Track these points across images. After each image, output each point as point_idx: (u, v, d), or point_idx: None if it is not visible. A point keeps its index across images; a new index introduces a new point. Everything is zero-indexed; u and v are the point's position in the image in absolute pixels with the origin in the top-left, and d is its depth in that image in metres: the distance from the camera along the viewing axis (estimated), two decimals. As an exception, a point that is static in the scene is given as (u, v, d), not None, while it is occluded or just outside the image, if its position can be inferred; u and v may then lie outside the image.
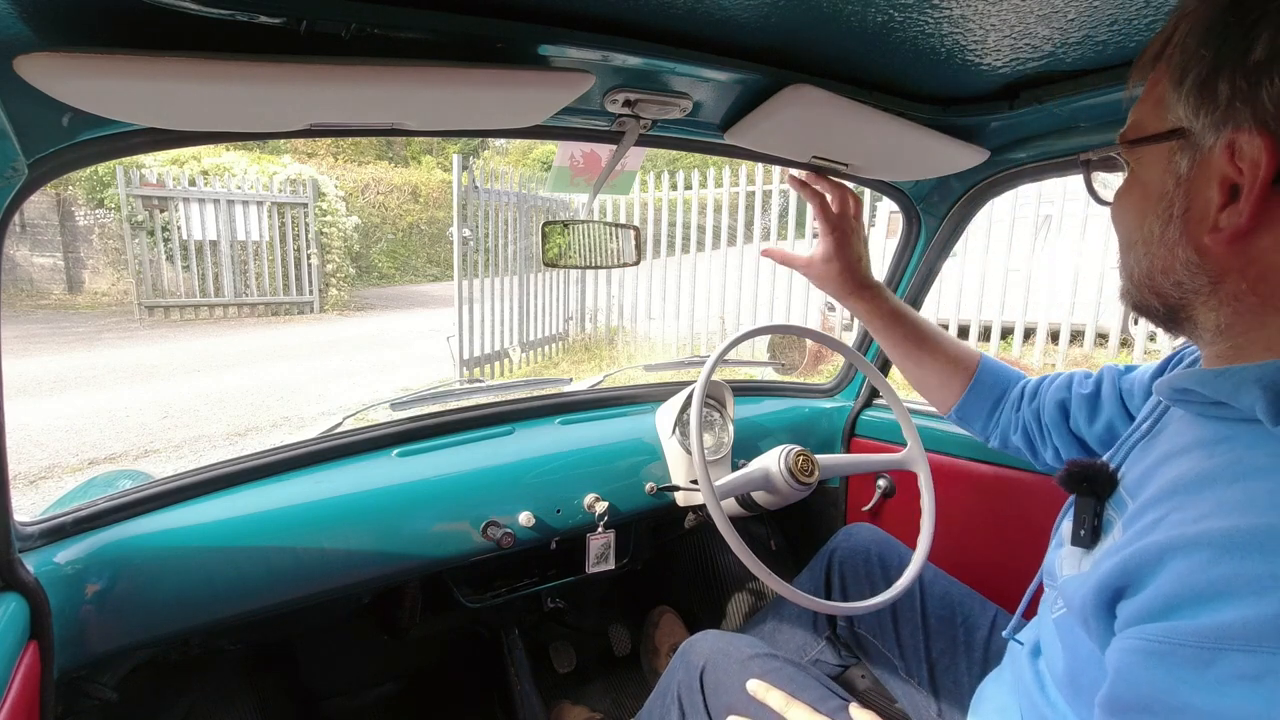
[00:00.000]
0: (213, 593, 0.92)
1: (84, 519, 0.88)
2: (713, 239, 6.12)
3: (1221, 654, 0.35)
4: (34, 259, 9.51)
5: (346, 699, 1.46)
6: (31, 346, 6.83)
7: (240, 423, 4.60)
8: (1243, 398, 0.44)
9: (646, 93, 0.77)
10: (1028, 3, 0.60)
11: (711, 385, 1.22)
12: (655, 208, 6.50)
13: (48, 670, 0.75)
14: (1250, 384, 0.43)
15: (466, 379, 5.08)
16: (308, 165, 10.56)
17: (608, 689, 1.60)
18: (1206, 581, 0.38)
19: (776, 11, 0.62)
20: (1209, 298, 0.47)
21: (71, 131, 0.64)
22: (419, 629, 1.34)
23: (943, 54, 0.73)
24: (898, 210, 1.31)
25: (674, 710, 0.92)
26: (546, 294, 6.31)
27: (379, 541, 1.03)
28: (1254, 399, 0.43)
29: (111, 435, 4.30)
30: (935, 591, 1.03)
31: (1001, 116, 0.89)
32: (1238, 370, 0.45)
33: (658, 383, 1.54)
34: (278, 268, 8.98)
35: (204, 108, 0.59)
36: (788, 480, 1.08)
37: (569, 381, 1.46)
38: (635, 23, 0.64)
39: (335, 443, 1.11)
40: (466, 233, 5.20)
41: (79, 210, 9.47)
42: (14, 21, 0.49)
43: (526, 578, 1.32)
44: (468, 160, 5.40)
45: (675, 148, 1.03)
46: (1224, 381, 0.46)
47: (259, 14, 0.52)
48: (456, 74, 0.60)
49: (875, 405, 1.54)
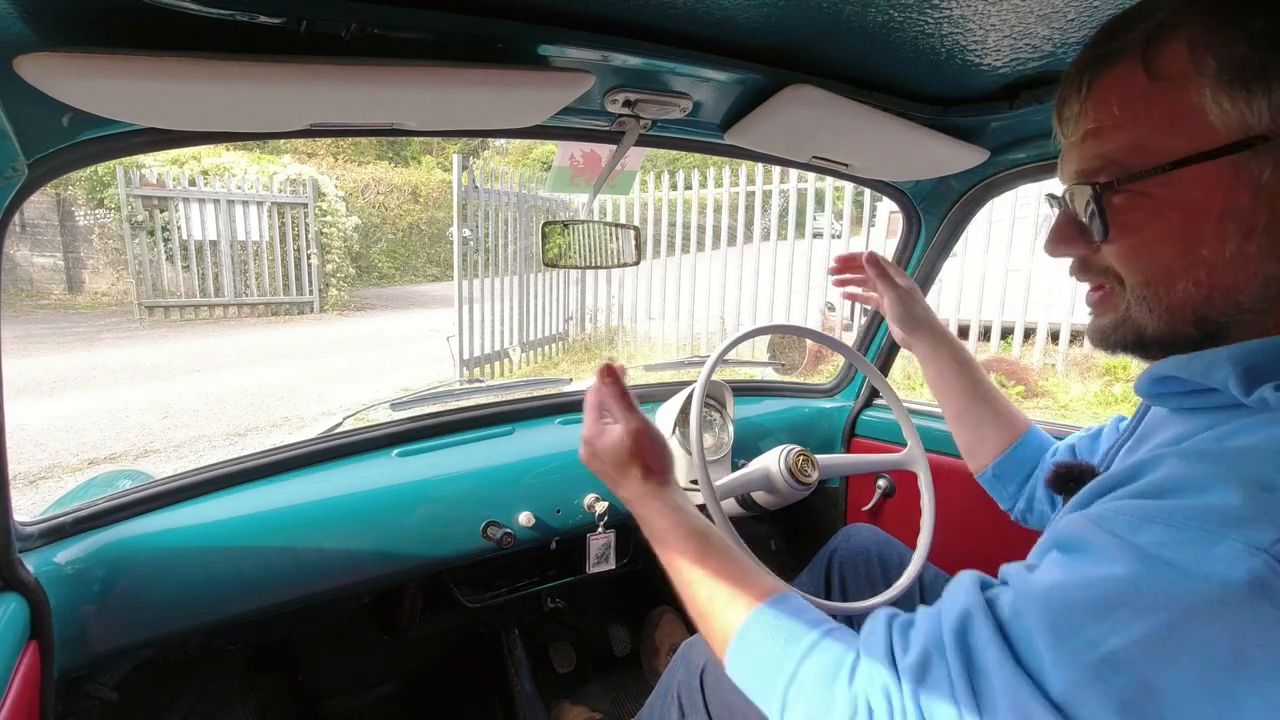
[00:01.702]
0: (213, 593, 0.92)
1: (84, 519, 0.88)
2: (713, 239, 6.12)
3: (1150, 524, 0.40)
4: (34, 259, 9.51)
5: (346, 699, 1.46)
6: (31, 346, 6.83)
7: (240, 423, 4.60)
8: (1215, 375, 0.45)
9: (646, 93, 0.77)
10: (1028, 3, 0.60)
11: (711, 385, 1.22)
12: (655, 208, 6.50)
13: (48, 670, 0.75)
14: (1222, 362, 0.44)
15: (466, 379, 5.08)
16: (308, 165, 10.56)
17: (608, 689, 1.60)
18: (1167, 475, 0.42)
19: (776, 11, 0.62)
20: (1271, 307, 0.45)
21: (71, 131, 0.64)
22: (419, 629, 1.34)
23: (943, 54, 0.73)
24: (898, 210, 1.31)
25: (674, 710, 0.92)
26: (546, 294, 6.31)
27: (379, 541, 1.03)
28: (1225, 374, 0.44)
29: (111, 435, 4.30)
30: (935, 591, 1.03)
31: (1001, 116, 0.89)
32: (1210, 352, 0.46)
33: (658, 383, 1.54)
34: (278, 268, 8.98)
35: (204, 108, 0.59)
36: (787, 480, 1.08)
37: (569, 381, 1.46)
38: (635, 23, 0.64)
39: (335, 443, 1.11)
40: (466, 233, 5.20)
41: (79, 210, 9.47)
42: (14, 21, 0.49)
43: (526, 578, 1.32)
44: (468, 160, 5.40)
45: (675, 148, 1.03)
46: (1197, 363, 0.47)
47: (259, 14, 0.52)
48: (456, 74, 0.60)
49: (875, 405, 1.54)
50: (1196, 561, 0.36)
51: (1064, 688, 0.38)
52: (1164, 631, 0.36)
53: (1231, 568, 0.35)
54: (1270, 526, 0.35)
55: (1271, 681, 0.33)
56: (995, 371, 4.95)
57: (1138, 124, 0.46)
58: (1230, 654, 0.34)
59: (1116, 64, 0.47)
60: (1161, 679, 0.36)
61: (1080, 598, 0.40)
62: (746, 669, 0.58)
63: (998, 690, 0.41)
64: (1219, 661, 0.34)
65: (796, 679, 0.53)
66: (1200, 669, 0.35)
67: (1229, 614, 0.34)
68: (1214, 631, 0.35)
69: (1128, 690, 0.36)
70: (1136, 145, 0.46)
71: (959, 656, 0.44)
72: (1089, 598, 0.39)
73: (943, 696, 0.44)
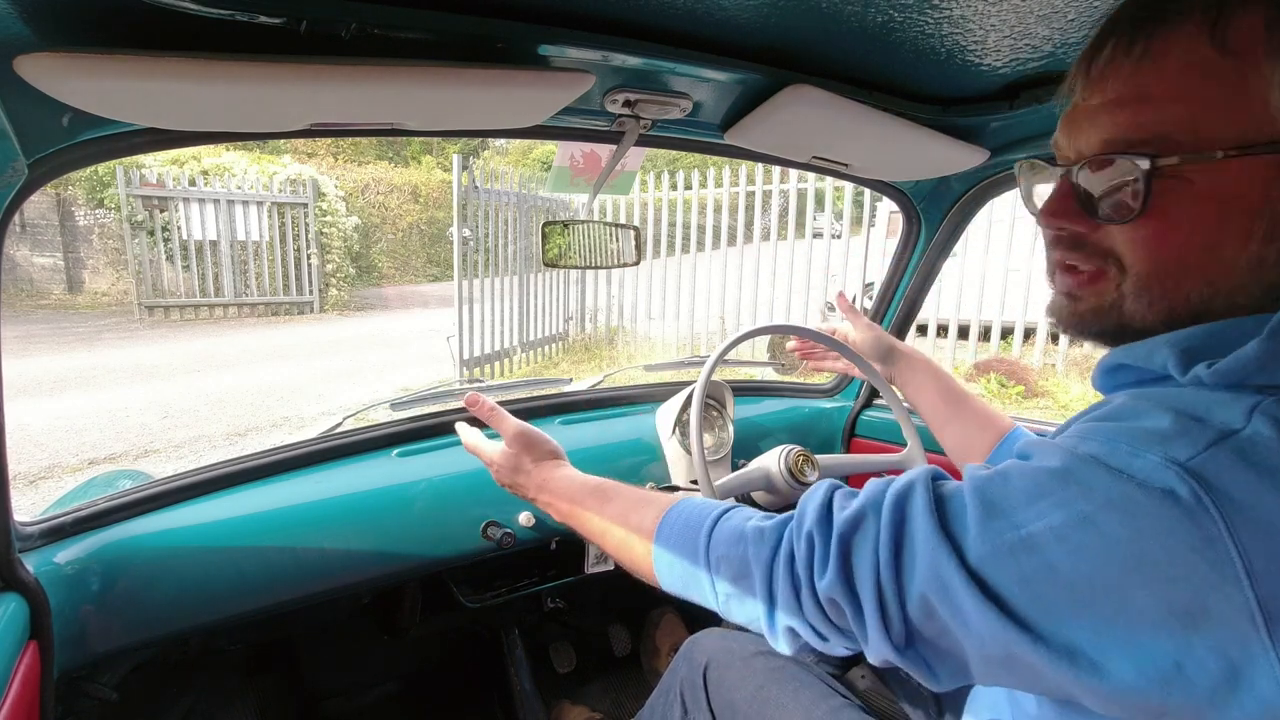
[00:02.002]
0: (213, 593, 0.92)
1: (84, 519, 0.88)
2: (713, 239, 6.12)
3: (1090, 439, 0.42)
4: (34, 259, 9.51)
5: (346, 699, 1.46)
6: (31, 346, 6.83)
7: (240, 423, 4.60)
8: (1155, 359, 0.45)
9: (646, 93, 0.77)
10: (1028, 3, 0.60)
11: (711, 385, 1.22)
12: (655, 208, 6.50)
13: (48, 670, 0.75)
14: (1161, 346, 0.45)
15: (466, 379, 5.08)
16: (308, 165, 10.56)
17: (608, 689, 1.60)
18: (1116, 406, 0.44)
19: (776, 12, 0.62)
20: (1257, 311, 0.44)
21: (71, 131, 0.64)
22: (419, 629, 1.34)
23: (943, 54, 0.73)
24: (898, 210, 1.31)
25: (676, 708, 0.92)
26: (546, 294, 6.31)
27: (379, 541, 1.03)
28: (1164, 357, 0.44)
29: (111, 435, 4.30)
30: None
31: (1001, 116, 0.89)
32: (1150, 340, 0.46)
33: (658, 383, 1.54)
34: (278, 268, 8.98)
35: (204, 108, 0.59)
36: (787, 480, 1.08)
37: (569, 381, 1.46)
38: (635, 23, 0.64)
39: (335, 443, 1.11)
40: (466, 233, 5.20)
41: (79, 210, 9.47)
42: (14, 21, 0.49)
43: (526, 578, 1.32)
44: (468, 160, 5.40)
45: (675, 148, 1.03)
46: (1140, 349, 0.47)
47: (259, 14, 0.52)
48: (456, 74, 0.60)
49: (875, 405, 1.54)
50: (1121, 467, 0.39)
51: (979, 558, 0.41)
52: (1078, 520, 0.38)
53: (1149, 476, 0.37)
54: (1189, 445, 0.38)
55: (1163, 579, 0.36)
56: (995, 371, 4.95)
57: (1194, 99, 0.41)
58: (1132, 548, 0.36)
59: (1178, 26, 0.42)
60: (1066, 564, 0.38)
61: (1016, 484, 0.42)
62: (671, 564, 0.61)
63: (920, 550, 0.43)
64: (1121, 554, 0.37)
65: (713, 543, 0.57)
66: (1103, 559, 0.37)
67: (1140, 512, 0.37)
68: (1124, 526, 0.37)
69: (1033, 569, 0.39)
70: (1189, 122, 0.42)
71: (892, 517, 0.46)
72: (1023, 486, 0.42)
73: (865, 548, 0.46)
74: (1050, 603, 0.39)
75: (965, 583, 0.41)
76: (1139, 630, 0.36)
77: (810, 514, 0.51)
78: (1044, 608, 0.39)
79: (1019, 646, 0.39)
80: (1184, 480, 0.36)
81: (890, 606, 0.44)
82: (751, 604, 0.54)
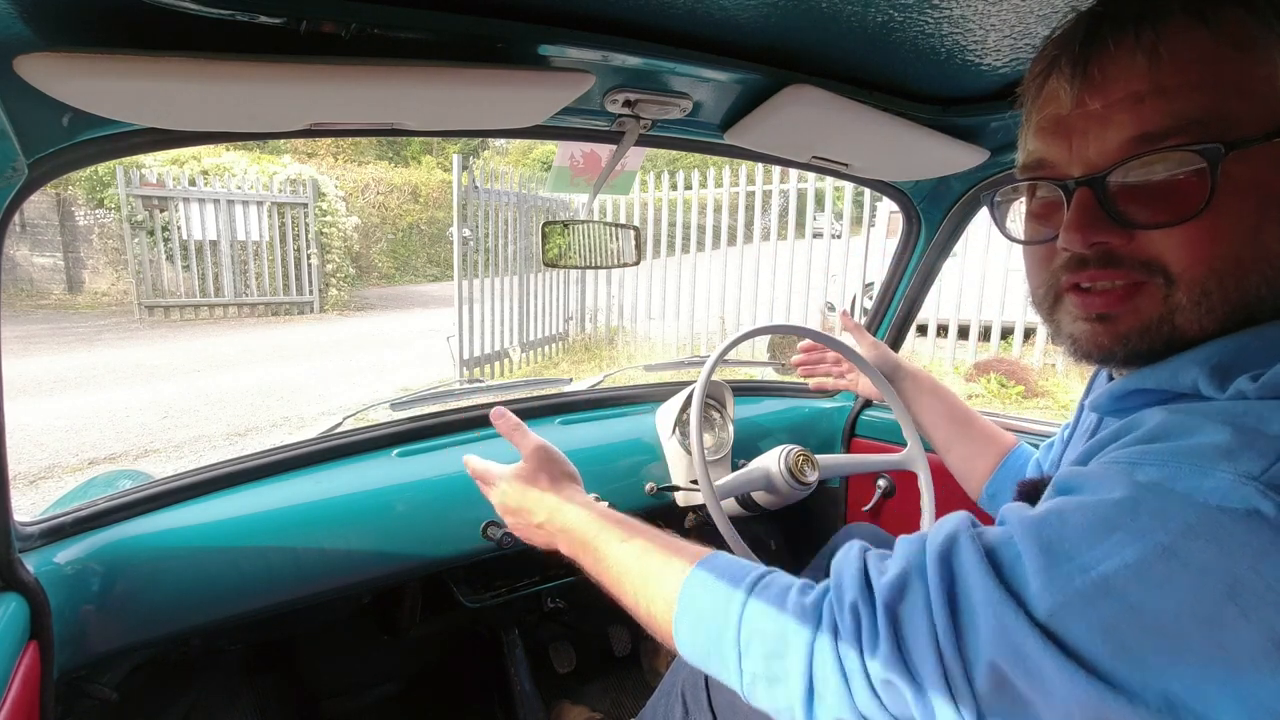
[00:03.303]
0: (213, 593, 0.92)
1: (84, 519, 0.88)
2: (713, 239, 6.12)
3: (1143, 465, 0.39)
4: (34, 259, 9.50)
5: (346, 699, 1.46)
6: (31, 346, 6.83)
7: (240, 423, 4.60)
8: (1182, 379, 0.42)
9: (646, 93, 0.77)
10: (1028, 3, 0.60)
11: (711, 385, 1.22)
12: (655, 208, 6.50)
13: (48, 670, 0.75)
14: (1189, 365, 0.42)
15: (466, 379, 5.08)
16: (308, 165, 10.56)
17: (608, 689, 1.60)
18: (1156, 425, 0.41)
19: (776, 12, 0.62)
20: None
21: (71, 131, 0.64)
22: (419, 629, 1.34)
23: (943, 54, 0.73)
24: (898, 210, 1.31)
25: (678, 708, 0.92)
26: (546, 294, 6.31)
27: (379, 541, 1.03)
28: (1194, 376, 0.42)
29: (111, 435, 4.29)
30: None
31: (1001, 116, 0.89)
32: (1173, 360, 0.44)
33: (658, 383, 1.54)
34: (278, 268, 8.97)
35: (204, 108, 0.59)
36: (788, 480, 1.08)
37: (569, 381, 1.46)
38: (635, 23, 0.64)
39: (335, 443, 1.11)
40: (466, 233, 5.20)
41: (79, 210, 9.47)
42: (14, 21, 0.49)
43: (526, 578, 1.32)
44: (468, 160, 5.40)
45: (675, 148, 1.03)
46: (1163, 371, 0.44)
47: (259, 14, 0.52)
48: (456, 74, 0.60)
49: (875, 405, 1.54)
50: (1192, 490, 0.35)
51: (1050, 610, 0.36)
52: (1160, 553, 0.34)
53: (1225, 497, 0.34)
54: (1259, 458, 0.34)
55: (1264, 605, 0.32)
56: (995, 371, 4.95)
57: (1215, 87, 0.40)
58: (1224, 576, 0.33)
59: (1171, 19, 0.41)
60: (1151, 603, 0.34)
61: (1076, 521, 0.38)
62: (695, 628, 0.54)
63: (980, 612, 0.39)
64: (1212, 584, 0.33)
65: (746, 616, 0.49)
66: (1193, 592, 0.33)
67: (1225, 535, 0.33)
68: (1211, 553, 0.33)
69: (1114, 615, 0.35)
70: (1218, 111, 0.40)
71: (940, 577, 0.41)
72: (1085, 521, 0.38)
73: (918, 616, 0.41)
74: (1139, 651, 0.34)
75: (1041, 643, 0.36)
76: (1243, 669, 0.32)
77: (849, 583, 0.45)
78: (1133, 658, 0.34)
79: (1110, 707, 0.34)
80: (1266, 496, 0.33)
81: (956, 680, 0.39)
82: (783, 691, 0.47)
